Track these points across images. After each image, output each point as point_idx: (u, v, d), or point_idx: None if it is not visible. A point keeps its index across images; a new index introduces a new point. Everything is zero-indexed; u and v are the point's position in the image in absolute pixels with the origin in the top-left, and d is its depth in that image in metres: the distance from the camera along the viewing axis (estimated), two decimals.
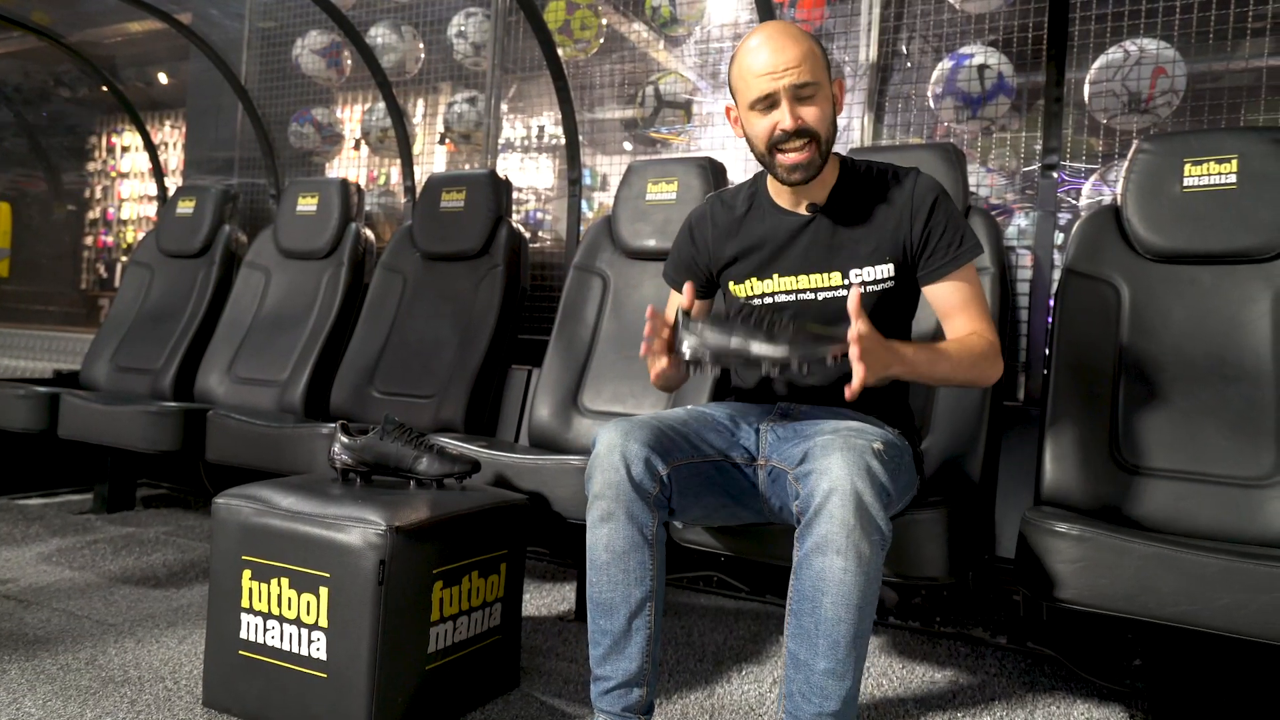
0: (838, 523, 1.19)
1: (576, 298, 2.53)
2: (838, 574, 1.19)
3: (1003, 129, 2.61)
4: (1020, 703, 1.77)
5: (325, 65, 3.75)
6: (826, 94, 1.45)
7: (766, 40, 1.43)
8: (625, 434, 1.34)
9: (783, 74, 1.41)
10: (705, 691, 1.75)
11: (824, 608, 1.20)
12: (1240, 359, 1.72)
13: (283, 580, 1.49)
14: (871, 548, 1.20)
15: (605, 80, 3.29)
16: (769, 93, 1.42)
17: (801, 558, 1.23)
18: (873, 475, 1.21)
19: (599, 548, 1.35)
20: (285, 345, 2.97)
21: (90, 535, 2.72)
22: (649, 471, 1.33)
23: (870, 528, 1.19)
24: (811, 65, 1.42)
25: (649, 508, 1.33)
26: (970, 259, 1.49)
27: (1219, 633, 1.30)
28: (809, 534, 1.22)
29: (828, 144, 1.47)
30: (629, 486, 1.32)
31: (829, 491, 1.20)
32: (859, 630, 1.20)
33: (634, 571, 1.34)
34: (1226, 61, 2.33)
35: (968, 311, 1.48)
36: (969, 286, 1.48)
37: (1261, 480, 1.62)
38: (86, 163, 5.25)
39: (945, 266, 1.48)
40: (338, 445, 1.71)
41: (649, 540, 1.34)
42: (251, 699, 1.51)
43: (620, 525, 1.33)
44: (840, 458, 1.22)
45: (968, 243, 1.49)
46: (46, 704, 1.54)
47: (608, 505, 1.33)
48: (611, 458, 1.33)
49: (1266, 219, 1.75)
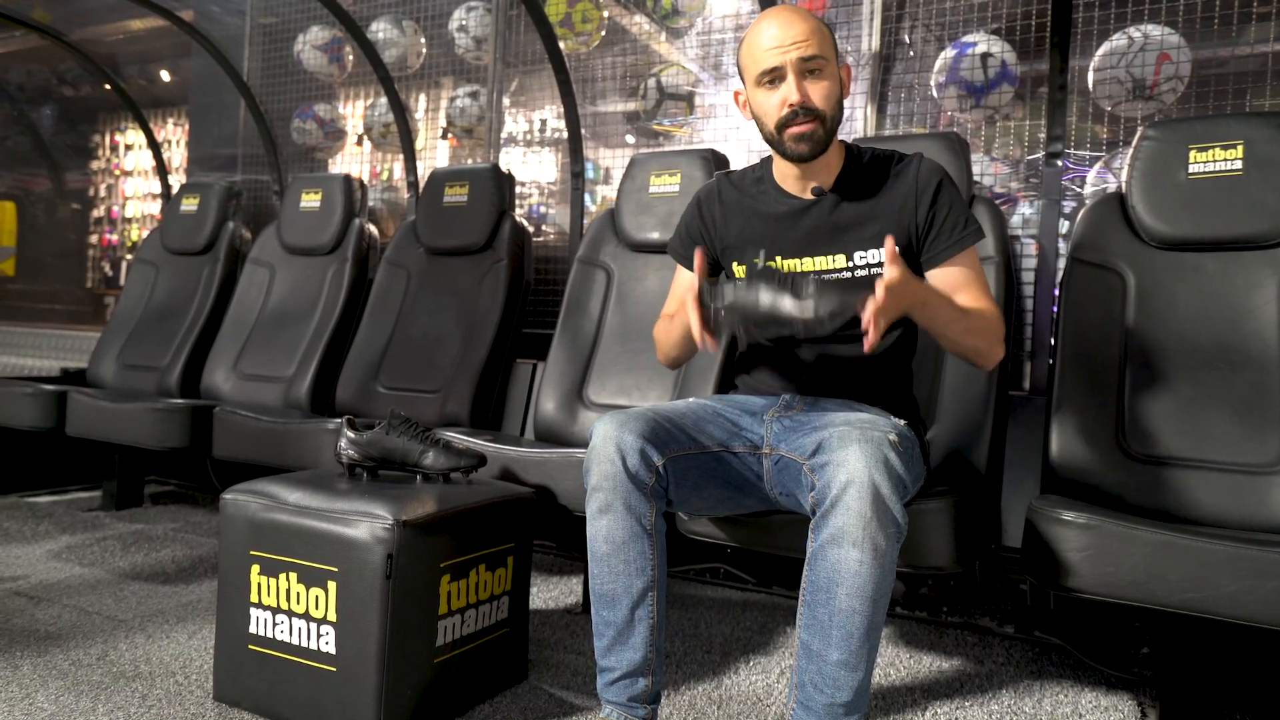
0: (854, 515, 1.19)
1: (580, 291, 2.53)
2: (853, 566, 1.19)
3: (1006, 117, 2.60)
4: (1028, 691, 1.77)
5: (327, 61, 3.75)
6: (834, 72, 1.45)
7: (775, 17, 1.45)
8: (620, 425, 1.35)
9: (790, 47, 1.41)
10: (713, 682, 1.76)
11: (838, 599, 1.20)
12: (1246, 345, 1.71)
13: (291, 575, 1.49)
14: (888, 540, 1.20)
15: (607, 73, 3.28)
16: (776, 65, 1.42)
17: (816, 549, 1.23)
18: (890, 467, 1.21)
19: (599, 539, 1.35)
20: (290, 341, 2.98)
21: (99, 532, 2.73)
22: (644, 462, 1.33)
23: (887, 520, 1.19)
24: (820, 41, 1.43)
25: (646, 498, 1.34)
26: (973, 243, 1.49)
27: (1226, 619, 1.30)
28: (825, 525, 1.22)
29: (833, 122, 1.47)
30: (625, 477, 1.32)
31: (846, 483, 1.20)
32: (873, 622, 1.21)
33: (634, 562, 1.34)
34: (1232, 47, 2.32)
35: (970, 291, 1.48)
36: (971, 270, 1.49)
37: (1268, 467, 1.61)
38: (90, 161, 5.26)
39: (948, 250, 1.48)
40: (344, 440, 1.71)
41: (648, 530, 1.34)
42: (261, 693, 1.52)
43: (618, 516, 1.33)
44: (858, 450, 1.21)
45: (970, 226, 1.49)
46: (59, 699, 1.55)
47: (605, 497, 1.34)
48: (607, 449, 1.33)
49: (1272, 205, 1.74)
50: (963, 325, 1.42)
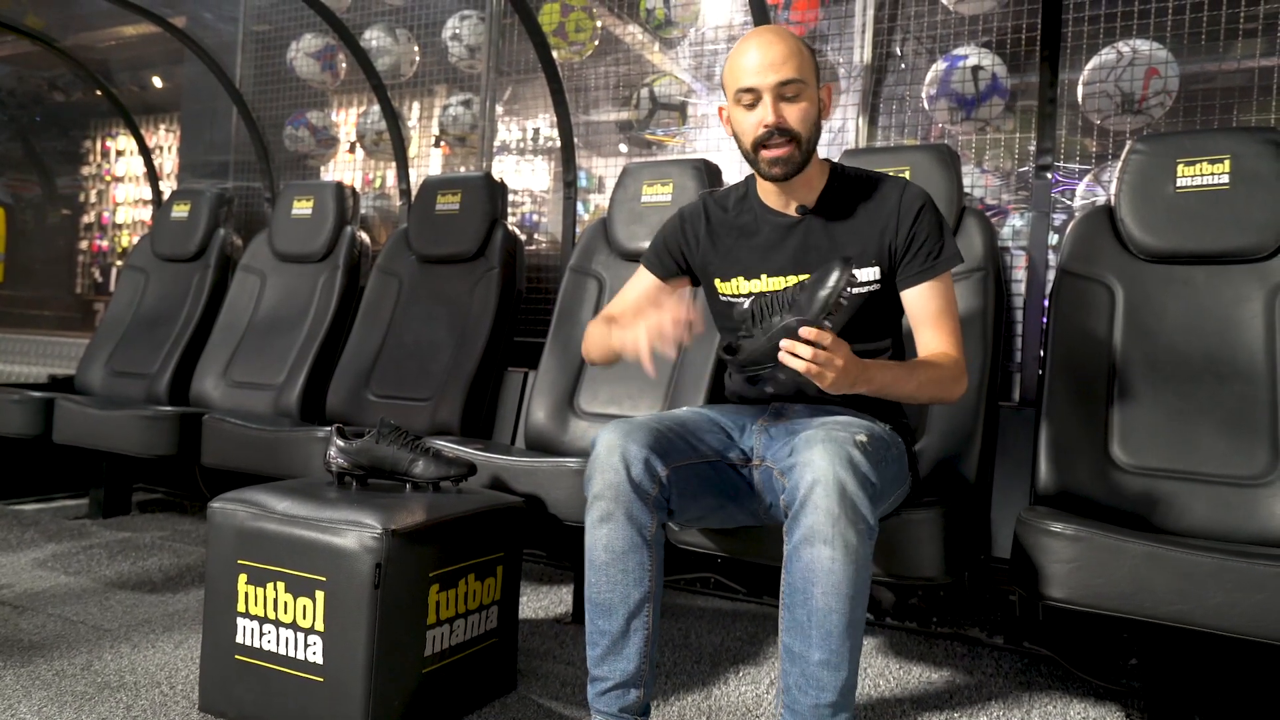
0: (823, 513, 1.20)
1: (572, 300, 2.54)
2: (826, 564, 1.20)
3: (997, 130, 2.62)
4: (1017, 702, 1.77)
5: (320, 68, 3.75)
6: (812, 95, 1.47)
7: (756, 39, 1.47)
8: (625, 435, 1.35)
9: (768, 69, 1.43)
10: (702, 693, 1.75)
11: (815, 598, 1.21)
12: (1234, 358, 1.72)
13: (279, 584, 1.48)
14: (859, 537, 1.21)
15: (600, 82, 3.29)
16: (753, 86, 1.44)
17: (790, 550, 1.24)
18: (855, 465, 1.22)
19: (598, 548, 1.35)
20: (281, 349, 2.96)
21: (86, 540, 2.71)
22: (649, 473, 1.33)
23: (855, 517, 1.20)
24: (798, 64, 1.44)
25: (648, 509, 1.34)
26: (947, 269, 1.51)
27: (1213, 631, 1.31)
28: (796, 526, 1.23)
29: (809, 144, 1.48)
30: (629, 487, 1.32)
31: (813, 483, 1.21)
32: (851, 619, 1.21)
33: (633, 572, 1.34)
34: (1219, 62, 2.34)
35: (939, 325, 1.49)
36: (942, 298, 1.50)
37: (1255, 479, 1.62)
38: (81, 167, 5.24)
39: (923, 273, 1.49)
40: (333, 449, 1.71)
41: (648, 541, 1.34)
42: (248, 703, 1.51)
43: (619, 526, 1.33)
44: (822, 449, 1.23)
45: (946, 252, 1.50)
46: (42, 710, 1.54)
47: (607, 506, 1.34)
48: (611, 459, 1.33)
49: (1259, 219, 1.75)
50: (912, 385, 1.43)
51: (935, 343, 1.49)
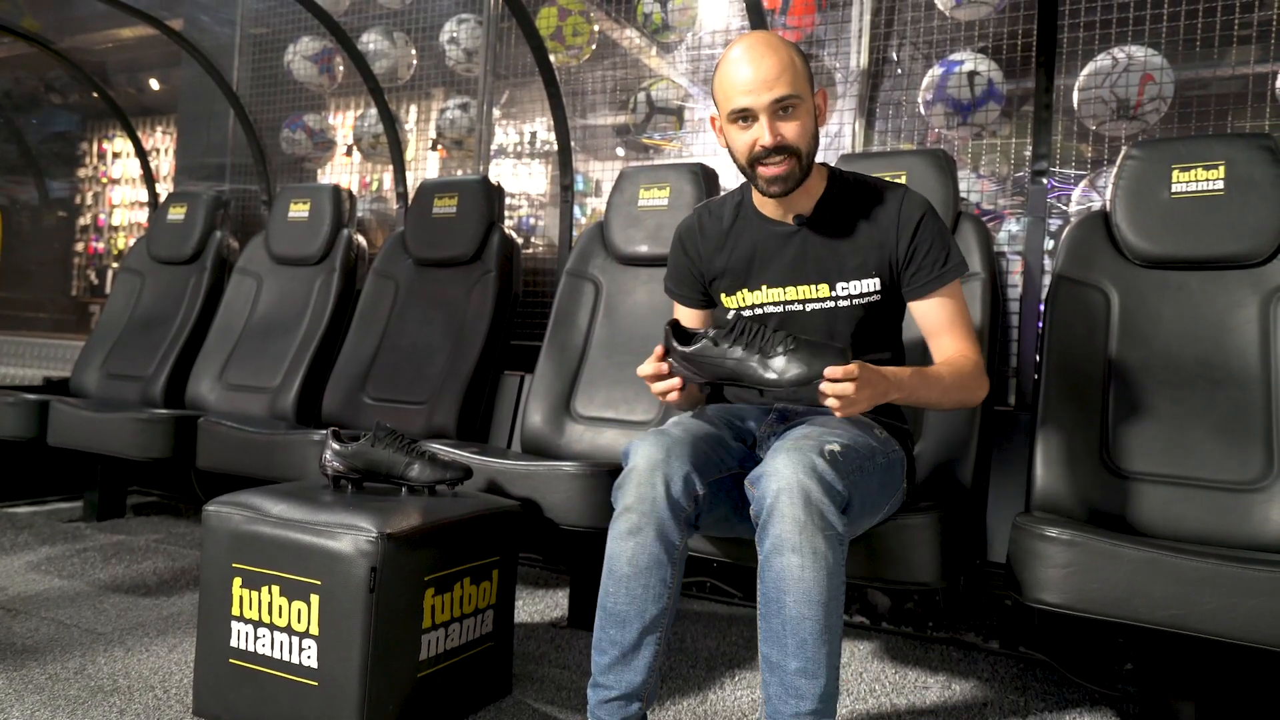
0: (790, 521, 1.21)
1: (569, 304, 2.54)
2: (796, 571, 1.20)
3: (993, 135, 2.63)
4: (1012, 708, 1.77)
5: (317, 71, 3.75)
6: (808, 107, 1.44)
7: (746, 52, 1.42)
8: (668, 450, 1.33)
9: (762, 90, 1.40)
10: (698, 698, 1.75)
11: (787, 607, 1.21)
12: (1228, 363, 1.73)
13: (274, 588, 1.48)
14: (828, 543, 1.21)
15: (597, 86, 3.30)
16: (747, 108, 1.41)
17: (762, 560, 1.25)
18: (819, 473, 1.22)
19: (621, 559, 1.33)
20: (277, 352, 2.96)
21: (80, 543, 2.71)
22: (687, 490, 1.32)
23: (823, 523, 1.21)
24: (792, 78, 1.41)
25: (680, 526, 1.33)
26: (955, 277, 1.49)
27: (1208, 636, 1.31)
28: (765, 536, 1.24)
29: (809, 157, 1.46)
30: (665, 505, 1.31)
31: (778, 492, 1.22)
32: (825, 626, 1.21)
33: (654, 588, 1.32)
34: (1214, 68, 2.35)
35: (954, 331, 1.49)
36: (954, 304, 1.49)
37: (1250, 484, 1.63)
38: (77, 169, 5.23)
39: (930, 284, 1.48)
40: (329, 452, 1.70)
41: (674, 559, 1.33)
42: (242, 707, 1.50)
43: (648, 542, 1.31)
44: (786, 459, 1.24)
45: (953, 260, 1.49)
46: (35, 714, 1.53)
47: (638, 520, 1.31)
48: (653, 476, 1.31)
49: (1254, 224, 1.76)
50: (938, 391, 1.43)
51: (952, 348, 1.48)
